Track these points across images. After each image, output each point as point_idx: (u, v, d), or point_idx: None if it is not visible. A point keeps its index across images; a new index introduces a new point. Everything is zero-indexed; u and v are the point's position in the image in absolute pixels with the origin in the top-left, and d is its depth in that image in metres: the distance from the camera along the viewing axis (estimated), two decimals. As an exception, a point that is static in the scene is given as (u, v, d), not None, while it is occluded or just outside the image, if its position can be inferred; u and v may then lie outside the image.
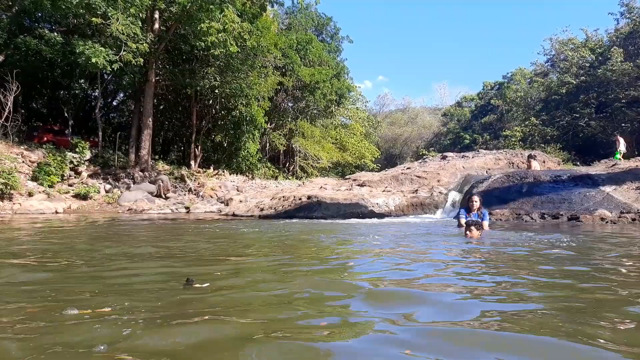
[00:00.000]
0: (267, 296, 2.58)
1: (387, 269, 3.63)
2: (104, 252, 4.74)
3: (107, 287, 2.86)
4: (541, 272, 3.41)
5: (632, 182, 11.79)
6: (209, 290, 2.71)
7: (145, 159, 22.64)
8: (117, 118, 35.72)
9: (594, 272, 3.41)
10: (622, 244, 5.74)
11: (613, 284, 2.95)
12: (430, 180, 15.03)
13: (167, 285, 2.95)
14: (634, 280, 3.20)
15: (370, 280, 3.07)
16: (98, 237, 6.95)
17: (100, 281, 3.10)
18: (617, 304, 2.40)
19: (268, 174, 33.09)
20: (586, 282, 3.01)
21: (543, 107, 39.03)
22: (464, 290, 2.77)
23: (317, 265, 3.98)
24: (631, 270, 3.59)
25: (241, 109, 27.02)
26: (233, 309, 2.28)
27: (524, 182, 12.96)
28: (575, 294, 2.63)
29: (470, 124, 54.42)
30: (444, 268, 3.70)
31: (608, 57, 31.79)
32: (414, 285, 2.94)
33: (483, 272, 3.49)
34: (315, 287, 2.79)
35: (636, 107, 28.71)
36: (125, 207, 17.02)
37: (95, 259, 4.24)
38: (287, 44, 31.74)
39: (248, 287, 2.93)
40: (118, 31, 18.10)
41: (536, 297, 2.58)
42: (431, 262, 4.18)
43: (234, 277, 3.29)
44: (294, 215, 12.52)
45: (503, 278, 3.16)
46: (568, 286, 2.89)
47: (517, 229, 8.19)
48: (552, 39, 42.61)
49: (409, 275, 3.33)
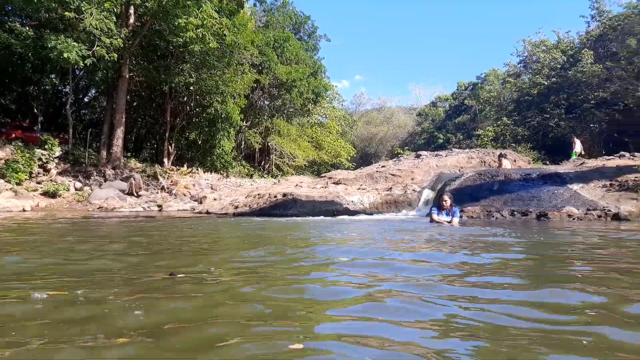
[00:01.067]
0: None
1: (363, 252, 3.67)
2: (62, 247, 4.64)
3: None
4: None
5: (598, 181, 12.14)
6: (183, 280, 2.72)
7: (117, 156, 22.23)
8: (88, 115, 34.91)
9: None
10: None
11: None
12: (404, 179, 15.17)
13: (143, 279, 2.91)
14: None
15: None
16: (64, 234, 6.79)
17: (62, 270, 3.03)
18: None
19: (243, 172, 32.89)
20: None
21: (515, 108, 39.81)
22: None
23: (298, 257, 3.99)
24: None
25: (216, 106, 26.77)
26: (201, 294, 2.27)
27: (495, 180, 13.21)
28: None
29: (444, 124, 55.14)
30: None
31: (579, 59, 32.62)
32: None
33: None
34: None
35: (604, 108, 29.53)
36: (95, 205, 16.69)
37: (56, 254, 4.15)
38: (264, 42, 31.58)
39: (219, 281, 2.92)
40: (92, 26, 17.70)
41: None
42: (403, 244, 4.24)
43: (206, 271, 3.27)
44: (269, 213, 12.48)
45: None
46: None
47: (485, 226, 8.34)
48: (525, 40, 43.49)
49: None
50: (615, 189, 11.29)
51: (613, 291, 2.47)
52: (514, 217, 10.75)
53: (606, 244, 5.21)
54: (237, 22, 25.30)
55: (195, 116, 29.63)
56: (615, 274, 3.09)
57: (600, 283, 2.69)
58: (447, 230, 7.05)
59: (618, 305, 2.17)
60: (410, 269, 3.36)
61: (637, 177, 11.25)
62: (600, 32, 33.67)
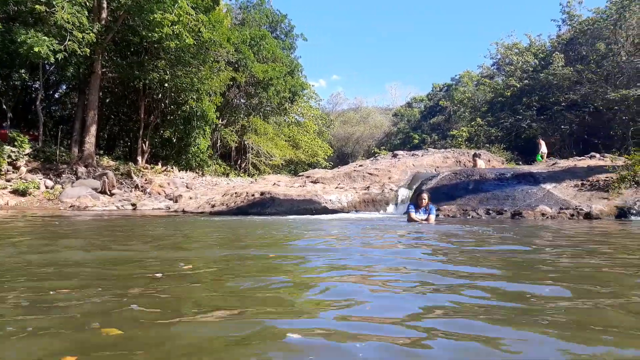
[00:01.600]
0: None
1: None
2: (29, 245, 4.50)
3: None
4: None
5: (570, 180, 12.45)
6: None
7: (90, 154, 21.73)
8: (59, 111, 33.96)
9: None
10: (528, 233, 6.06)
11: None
12: (381, 178, 15.26)
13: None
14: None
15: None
16: (31, 233, 6.59)
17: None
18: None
19: (219, 171, 32.55)
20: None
21: (489, 109, 40.50)
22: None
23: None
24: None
25: (192, 103, 26.40)
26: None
27: (471, 179, 13.41)
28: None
29: (420, 124, 55.71)
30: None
31: (550, 62, 33.37)
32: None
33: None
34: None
35: (575, 110, 30.30)
36: (67, 203, 16.26)
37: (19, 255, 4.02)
38: (241, 39, 31.29)
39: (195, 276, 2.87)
40: (63, 19, 17.23)
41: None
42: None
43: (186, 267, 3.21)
44: (247, 212, 12.38)
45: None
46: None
47: (460, 223, 8.47)
48: (498, 43, 44.23)
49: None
50: (587, 189, 11.59)
51: (578, 286, 2.54)
52: (489, 216, 10.93)
53: (575, 239, 5.34)
54: (212, 19, 25.00)
55: (170, 114, 29.17)
56: (588, 267, 3.17)
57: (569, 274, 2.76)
58: (424, 228, 7.16)
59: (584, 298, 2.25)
60: (384, 260, 3.41)
61: (608, 177, 11.57)
62: (571, 36, 34.54)
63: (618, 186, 11.04)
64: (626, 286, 2.56)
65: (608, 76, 27.98)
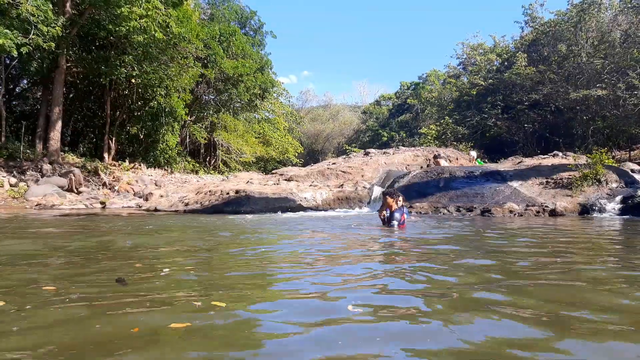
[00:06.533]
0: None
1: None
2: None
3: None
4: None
5: (535, 178, 12.93)
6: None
7: (55, 150, 21.11)
8: (20, 106, 32.72)
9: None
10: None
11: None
12: (354, 176, 15.45)
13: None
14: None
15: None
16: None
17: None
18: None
19: (188, 168, 32.14)
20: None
21: (455, 107, 41.27)
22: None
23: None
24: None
25: (160, 99, 25.96)
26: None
27: (441, 177, 13.76)
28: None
29: (388, 122, 56.33)
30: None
31: (513, 62, 34.30)
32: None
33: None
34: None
35: (537, 109, 31.26)
36: (33, 202, 15.77)
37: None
38: (210, 35, 30.92)
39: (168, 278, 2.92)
40: (27, 12, 16.66)
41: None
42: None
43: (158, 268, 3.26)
44: (222, 210, 12.34)
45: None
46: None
47: (432, 220, 8.71)
48: (464, 43, 45.24)
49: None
50: (552, 187, 12.08)
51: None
52: (460, 213, 11.27)
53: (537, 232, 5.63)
54: (180, 15, 24.57)
55: (137, 110, 28.55)
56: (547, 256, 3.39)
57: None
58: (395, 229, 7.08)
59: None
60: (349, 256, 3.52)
61: (571, 175, 12.08)
62: (533, 37, 35.52)
63: (581, 184, 11.56)
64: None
65: (569, 76, 28.97)
